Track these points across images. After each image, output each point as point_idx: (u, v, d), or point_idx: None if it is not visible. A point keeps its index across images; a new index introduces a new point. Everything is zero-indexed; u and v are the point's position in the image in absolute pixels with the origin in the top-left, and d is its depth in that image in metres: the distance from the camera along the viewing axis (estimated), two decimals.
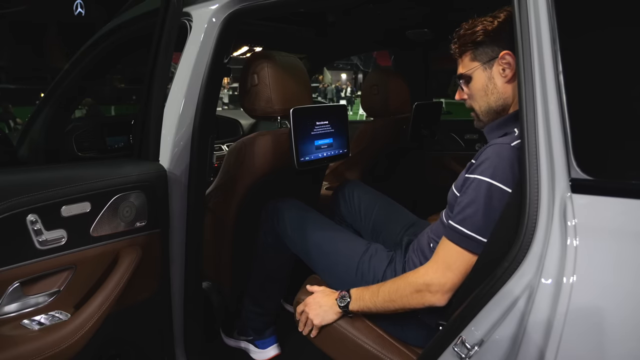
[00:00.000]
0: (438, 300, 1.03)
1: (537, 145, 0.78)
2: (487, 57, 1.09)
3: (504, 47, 1.06)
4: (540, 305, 0.72)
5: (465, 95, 1.17)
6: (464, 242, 1.00)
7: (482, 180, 0.98)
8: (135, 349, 1.24)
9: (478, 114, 1.16)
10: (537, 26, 0.80)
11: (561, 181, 0.75)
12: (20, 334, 0.88)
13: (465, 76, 1.14)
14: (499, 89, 1.09)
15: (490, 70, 1.09)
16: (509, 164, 0.96)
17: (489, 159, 0.99)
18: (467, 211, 1.00)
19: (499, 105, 1.11)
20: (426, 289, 1.03)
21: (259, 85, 1.46)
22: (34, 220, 0.90)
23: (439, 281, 1.02)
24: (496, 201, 0.97)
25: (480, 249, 0.98)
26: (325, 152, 1.56)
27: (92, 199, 1.01)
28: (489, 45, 1.08)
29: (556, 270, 0.71)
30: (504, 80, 1.08)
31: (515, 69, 1.03)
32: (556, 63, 0.77)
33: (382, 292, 1.11)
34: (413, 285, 1.05)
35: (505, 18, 1.07)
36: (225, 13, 1.33)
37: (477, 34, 1.09)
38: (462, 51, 1.14)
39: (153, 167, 1.17)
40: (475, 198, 0.99)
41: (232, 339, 1.73)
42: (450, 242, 1.02)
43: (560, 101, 0.76)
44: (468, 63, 1.12)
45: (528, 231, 0.77)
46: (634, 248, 0.68)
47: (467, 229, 1.00)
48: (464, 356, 0.83)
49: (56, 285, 0.99)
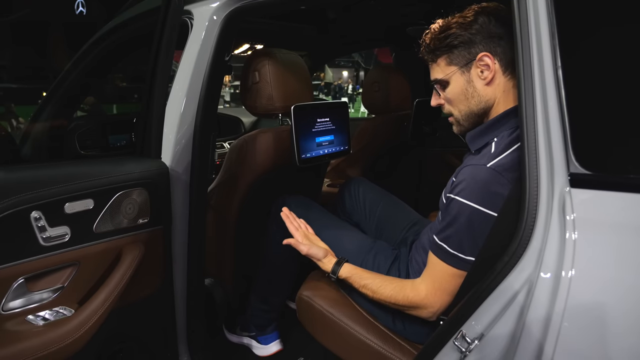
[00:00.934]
0: (429, 318, 1.08)
1: (537, 140, 0.79)
2: (464, 60, 1.04)
3: (480, 49, 1.02)
4: (540, 300, 0.72)
5: (442, 101, 1.13)
6: (450, 260, 1.02)
7: (461, 202, 0.98)
8: (138, 344, 1.25)
9: (458, 119, 1.12)
10: (536, 21, 0.80)
11: (560, 176, 0.75)
12: (26, 329, 0.89)
13: (442, 81, 1.09)
14: (479, 92, 1.06)
15: (469, 73, 1.05)
16: (485, 186, 0.96)
17: (465, 181, 0.99)
18: (449, 230, 1.01)
19: (481, 108, 1.07)
20: (422, 308, 1.08)
21: (260, 82, 1.46)
22: (37, 217, 0.91)
23: (434, 304, 1.06)
24: (477, 223, 0.97)
25: (467, 267, 1.00)
26: (326, 149, 1.56)
27: (95, 195, 1.02)
28: (464, 48, 1.04)
29: (555, 265, 0.71)
30: (484, 82, 1.04)
31: (499, 69, 1.03)
32: (555, 58, 0.77)
33: (380, 294, 1.14)
34: (409, 303, 1.09)
35: (477, 18, 1.03)
36: (226, 11, 1.34)
37: (450, 37, 1.04)
38: (435, 55, 1.09)
39: (155, 164, 1.18)
40: (455, 218, 1.00)
41: (234, 335, 1.74)
42: (438, 259, 1.05)
43: (559, 96, 0.76)
44: (444, 68, 1.08)
45: (527, 226, 0.78)
46: (634, 242, 0.68)
47: (450, 247, 1.02)
48: (464, 350, 0.83)
49: (60, 281, 1.00)
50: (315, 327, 1.32)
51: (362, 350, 1.20)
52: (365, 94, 2.34)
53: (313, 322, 1.32)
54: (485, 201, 0.95)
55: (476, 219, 0.96)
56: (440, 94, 1.13)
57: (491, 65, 1.02)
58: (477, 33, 1.02)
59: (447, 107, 1.14)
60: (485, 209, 0.95)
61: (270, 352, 1.66)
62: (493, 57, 1.02)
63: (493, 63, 1.02)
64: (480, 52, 1.02)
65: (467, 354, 0.83)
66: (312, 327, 1.33)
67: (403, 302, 1.10)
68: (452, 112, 1.13)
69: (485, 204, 0.95)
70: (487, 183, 0.96)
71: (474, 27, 1.02)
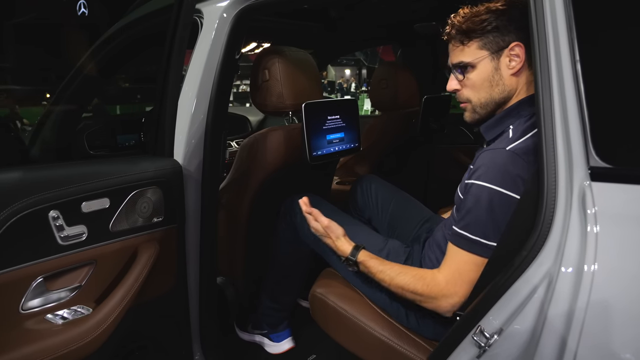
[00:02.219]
0: (447, 311, 1.05)
1: (554, 134, 0.79)
2: (496, 46, 1.04)
3: (513, 38, 1.03)
4: (561, 294, 0.72)
5: (459, 86, 1.12)
6: (471, 247, 1.00)
7: (481, 186, 0.98)
8: (153, 343, 1.26)
9: (475, 105, 1.11)
10: (553, 15, 0.80)
11: (579, 170, 0.75)
12: (45, 328, 0.90)
13: (468, 65, 1.08)
14: (504, 81, 1.06)
15: (498, 60, 1.05)
16: (505, 168, 0.96)
17: (485, 165, 0.99)
18: (470, 217, 1.00)
19: (502, 97, 1.07)
20: (441, 298, 1.04)
21: (270, 80, 1.46)
22: (56, 217, 0.91)
23: (454, 295, 1.03)
24: (497, 205, 0.96)
25: (488, 253, 0.98)
26: (336, 147, 1.56)
27: (111, 195, 1.02)
28: (499, 35, 1.04)
29: (577, 259, 0.71)
30: (511, 72, 1.05)
31: (525, 60, 1.03)
32: (573, 52, 0.77)
33: (397, 281, 1.10)
34: (428, 292, 1.06)
35: (514, 7, 1.03)
36: (236, 9, 1.34)
37: (486, 22, 1.04)
38: (467, 38, 1.07)
39: (169, 163, 1.18)
40: (476, 203, 0.99)
41: (246, 333, 1.74)
42: (458, 248, 1.03)
43: (578, 90, 0.76)
44: (474, 51, 1.06)
45: (546, 220, 0.77)
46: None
47: (471, 233, 1.00)
48: (483, 345, 0.83)
49: (77, 280, 1.01)
50: (329, 324, 1.32)
51: (377, 347, 1.20)
52: (373, 92, 2.34)
53: (327, 320, 1.32)
54: (507, 183, 0.95)
55: (497, 202, 0.96)
56: (463, 78, 1.10)
57: (521, 55, 1.03)
58: (511, 22, 1.03)
59: (465, 93, 1.12)
60: (507, 190, 0.95)
61: (282, 350, 1.67)
62: (524, 48, 1.03)
63: (523, 54, 1.03)
64: (513, 41, 1.03)
65: (487, 349, 0.83)
66: (326, 325, 1.33)
67: (422, 291, 1.07)
68: (470, 99, 1.11)
69: (507, 185, 0.95)
70: (506, 165, 0.96)
71: (508, 15, 1.03)
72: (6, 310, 0.88)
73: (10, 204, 0.84)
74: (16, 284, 0.88)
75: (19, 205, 0.85)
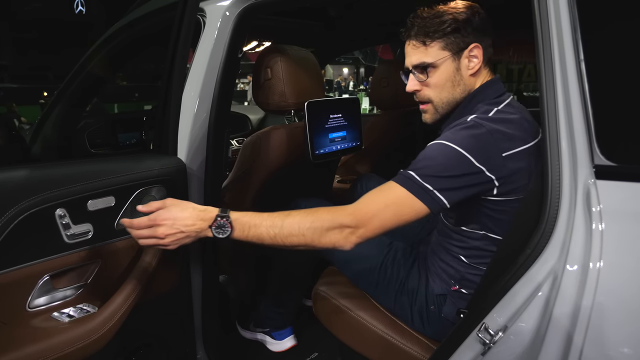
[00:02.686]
0: (352, 244, 0.97)
1: (558, 133, 0.79)
2: (457, 47, 1.07)
3: (472, 39, 1.06)
4: (567, 291, 0.73)
5: (420, 86, 1.12)
6: (404, 182, 0.96)
7: (433, 143, 1.00)
8: (157, 340, 1.26)
9: (437, 105, 1.13)
10: (557, 16, 0.80)
11: (584, 168, 0.76)
12: (52, 326, 0.90)
13: (430, 65, 1.09)
14: (464, 81, 1.09)
15: (458, 61, 1.08)
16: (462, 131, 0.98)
17: (441, 134, 1.02)
18: (415, 162, 0.99)
19: (462, 97, 1.10)
20: (345, 227, 0.95)
21: (272, 79, 1.47)
22: (62, 215, 0.92)
23: (365, 225, 0.95)
24: (445, 155, 0.95)
25: (422, 196, 0.94)
26: (339, 145, 1.57)
27: (117, 193, 1.02)
28: (460, 36, 1.06)
29: (582, 257, 0.72)
30: (470, 72, 1.08)
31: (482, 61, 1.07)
32: (577, 51, 0.78)
33: (289, 224, 0.96)
34: (337, 221, 0.95)
35: (469, 11, 1.06)
36: (239, 8, 1.34)
37: (447, 23, 1.05)
38: (430, 38, 1.08)
39: (173, 161, 1.18)
40: (424, 151, 1.00)
41: (248, 331, 1.75)
42: (391, 182, 0.98)
43: (582, 89, 0.77)
44: (437, 52, 1.08)
45: (550, 218, 0.78)
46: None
47: (410, 169, 0.97)
48: (488, 342, 0.84)
49: (83, 278, 1.01)
50: (333, 322, 1.33)
51: (381, 345, 1.21)
52: (373, 90, 2.35)
53: (330, 317, 1.33)
54: (462, 142, 0.95)
55: (447, 153, 0.95)
56: (425, 78, 1.11)
57: (479, 56, 1.07)
58: (470, 24, 1.06)
59: (426, 93, 1.13)
60: (460, 148, 0.94)
61: (284, 348, 1.67)
62: (482, 49, 1.07)
63: (481, 55, 1.07)
64: (472, 42, 1.06)
65: (491, 346, 0.84)
66: (329, 322, 1.34)
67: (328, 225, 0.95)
68: (431, 99, 1.13)
69: (461, 144, 0.95)
70: (464, 129, 0.98)
71: (468, 18, 1.06)
72: (13, 308, 0.88)
73: (17, 202, 0.84)
74: (23, 282, 0.88)
75: (26, 203, 0.85)
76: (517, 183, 0.98)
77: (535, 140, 1.01)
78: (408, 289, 1.23)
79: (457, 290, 1.16)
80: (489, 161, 0.95)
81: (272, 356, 1.67)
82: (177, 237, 0.94)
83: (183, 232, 0.94)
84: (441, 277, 1.19)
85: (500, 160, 0.95)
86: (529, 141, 0.99)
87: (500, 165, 0.95)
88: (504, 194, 0.99)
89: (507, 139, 0.96)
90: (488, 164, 0.94)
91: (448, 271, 1.18)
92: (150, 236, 0.93)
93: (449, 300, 1.17)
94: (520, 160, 0.97)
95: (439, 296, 1.19)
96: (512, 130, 0.98)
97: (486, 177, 0.96)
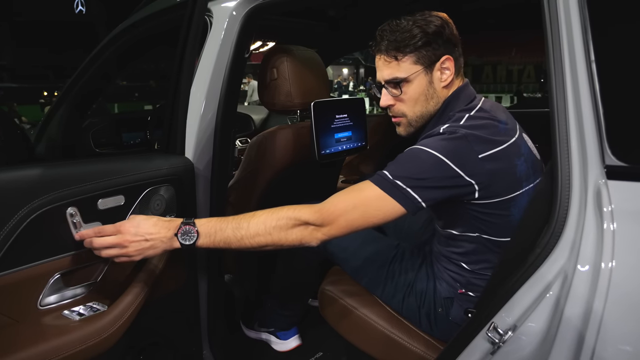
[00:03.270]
0: (318, 240, 0.97)
1: (568, 133, 0.80)
2: (429, 60, 1.06)
3: (443, 52, 1.06)
4: (578, 291, 0.73)
5: (393, 101, 1.11)
6: (377, 180, 0.96)
7: (413, 147, 1.00)
8: (165, 339, 1.26)
9: (411, 119, 1.12)
10: (567, 16, 0.81)
11: (595, 168, 0.76)
12: (63, 324, 0.90)
13: (402, 80, 1.08)
14: (438, 93, 1.09)
15: (431, 74, 1.08)
16: (437, 137, 0.98)
17: (420, 141, 1.02)
18: (392, 166, 0.99)
19: (436, 110, 1.10)
20: (318, 226, 0.95)
21: (278, 79, 1.47)
22: (73, 213, 0.92)
23: (331, 223, 0.95)
24: (421, 158, 0.96)
25: (404, 201, 0.94)
26: (344, 145, 1.57)
27: (126, 192, 1.03)
28: (431, 49, 1.05)
29: (593, 257, 0.72)
30: (442, 84, 1.08)
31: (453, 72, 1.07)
32: (588, 52, 0.78)
33: (255, 224, 0.96)
34: (302, 219, 0.95)
35: (439, 23, 1.06)
36: (246, 8, 1.34)
37: (417, 37, 1.04)
38: (401, 53, 1.06)
39: (181, 160, 1.19)
40: (403, 156, 1.00)
41: (252, 330, 1.75)
42: (367, 181, 0.98)
43: (593, 90, 0.77)
44: (409, 66, 1.07)
45: (560, 217, 0.79)
46: None
47: (386, 170, 0.98)
48: (497, 341, 0.84)
49: (92, 277, 1.01)
50: (339, 321, 1.33)
51: (387, 345, 1.21)
52: None
53: (336, 316, 1.33)
54: (439, 148, 0.95)
55: (424, 156, 0.96)
56: (398, 93, 1.10)
57: (451, 68, 1.07)
58: (440, 36, 1.05)
59: (400, 107, 1.12)
60: (437, 152, 0.95)
61: (289, 348, 1.68)
62: (453, 61, 1.07)
63: (453, 66, 1.07)
64: (443, 54, 1.06)
65: (501, 345, 0.84)
66: (335, 322, 1.34)
67: (293, 223, 0.94)
68: (405, 113, 1.12)
69: (438, 149, 0.95)
70: (439, 135, 0.99)
71: (438, 30, 1.05)
72: (25, 306, 0.88)
73: (30, 201, 0.84)
74: (35, 280, 0.89)
75: (38, 202, 0.85)
76: (499, 185, 0.99)
77: (512, 139, 1.02)
78: (416, 290, 1.24)
79: (463, 293, 1.17)
80: (467, 165, 0.95)
81: (276, 356, 1.67)
82: (141, 245, 0.92)
83: (147, 240, 0.92)
84: (447, 281, 1.20)
85: (478, 163, 0.95)
86: (505, 141, 1.00)
87: (478, 168, 0.95)
88: (487, 197, 0.99)
89: (481, 141, 0.97)
90: (466, 169, 0.95)
91: (453, 276, 1.18)
92: (115, 244, 0.91)
93: (457, 303, 1.18)
94: (498, 161, 0.97)
95: (446, 299, 1.20)
96: (486, 134, 0.98)
97: (465, 182, 0.96)
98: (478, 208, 1.03)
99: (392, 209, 0.95)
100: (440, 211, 1.14)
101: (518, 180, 1.02)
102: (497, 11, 2.18)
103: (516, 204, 1.02)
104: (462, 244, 1.13)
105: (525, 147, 1.07)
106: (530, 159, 1.06)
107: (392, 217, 0.96)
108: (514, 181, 1.01)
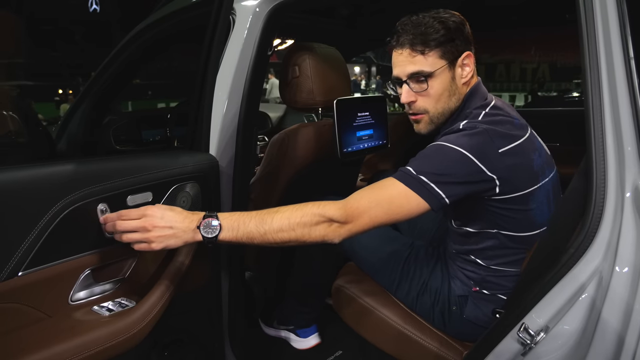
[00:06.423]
0: (341, 237, 0.95)
1: (604, 133, 0.79)
2: (452, 56, 1.06)
3: (464, 48, 1.06)
4: (617, 293, 0.72)
5: (414, 97, 1.09)
6: (402, 177, 0.96)
7: (435, 144, 1.01)
8: (188, 336, 1.27)
9: (433, 116, 1.11)
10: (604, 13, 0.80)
11: (633, 168, 0.75)
12: (93, 319, 0.91)
13: (427, 75, 1.06)
14: (459, 90, 1.09)
15: (453, 70, 1.07)
16: (459, 133, 1.00)
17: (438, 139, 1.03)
18: (414, 159, 1.00)
19: (457, 107, 1.10)
20: (342, 222, 0.94)
21: (300, 77, 1.47)
22: (104, 210, 0.93)
23: (348, 220, 0.93)
24: (445, 154, 0.96)
25: (429, 197, 0.93)
26: (366, 143, 1.57)
27: (154, 188, 1.03)
28: (453, 45, 1.05)
29: (633, 258, 0.71)
30: (463, 81, 1.09)
31: (472, 70, 1.09)
32: (627, 49, 0.77)
33: (279, 220, 0.94)
34: (326, 215, 0.93)
35: (459, 18, 1.07)
36: (270, 6, 1.34)
37: (441, 32, 1.04)
38: (427, 47, 1.05)
39: (206, 158, 1.19)
40: (425, 152, 1.00)
41: (272, 328, 1.76)
42: (393, 179, 0.97)
43: (632, 87, 0.76)
44: (435, 61, 1.05)
45: (594, 218, 0.78)
46: None
47: (409, 166, 0.98)
48: (528, 342, 0.83)
49: (121, 272, 1.02)
50: (352, 317, 1.33)
51: (401, 341, 1.21)
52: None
53: (350, 312, 1.33)
54: (461, 143, 0.96)
55: (447, 151, 0.96)
56: (421, 88, 1.08)
57: (471, 65, 1.08)
58: (462, 33, 1.07)
59: (422, 104, 1.10)
60: (460, 148, 0.95)
61: (309, 346, 1.68)
62: (473, 57, 1.08)
63: (473, 63, 1.08)
64: (465, 51, 1.07)
65: (533, 346, 0.83)
66: (349, 317, 1.35)
67: (311, 215, 0.93)
68: (427, 109, 1.10)
69: (461, 145, 0.96)
70: (460, 131, 1.00)
71: (458, 26, 1.06)
72: (57, 301, 0.89)
73: (63, 197, 0.85)
74: (67, 276, 0.90)
75: (71, 197, 0.86)
76: (518, 179, 1.00)
77: (527, 134, 1.03)
78: (430, 288, 1.24)
79: (478, 292, 1.17)
80: (488, 160, 0.95)
81: (296, 353, 1.67)
82: (164, 232, 0.89)
83: (171, 227, 0.90)
84: (462, 279, 1.20)
85: (498, 158, 0.96)
86: (521, 136, 1.01)
87: (499, 162, 0.96)
88: (507, 192, 1.00)
89: (500, 136, 0.98)
90: (487, 163, 0.95)
91: (468, 275, 1.18)
92: (139, 227, 0.89)
93: (471, 301, 1.18)
94: (517, 156, 0.98)
95: (460, 297, 1.20)
96: (504, 129, 0.99)
97: (487, 176, 0.96)
98: (498, 204, 1.03)
99: (416, 205, 0.95)
100: (459, 209, 1.14)
101: (535, 175, 1.03)
102: (516, 8, 2.16)
103: (535, 198, 1.03)
104: (479, 241, 1.13)
105: (538, 141, 1.09)
106: (544, 153, 1.08)
107: (415, 213, 0.96)
108: (531, 175, 1.02)
